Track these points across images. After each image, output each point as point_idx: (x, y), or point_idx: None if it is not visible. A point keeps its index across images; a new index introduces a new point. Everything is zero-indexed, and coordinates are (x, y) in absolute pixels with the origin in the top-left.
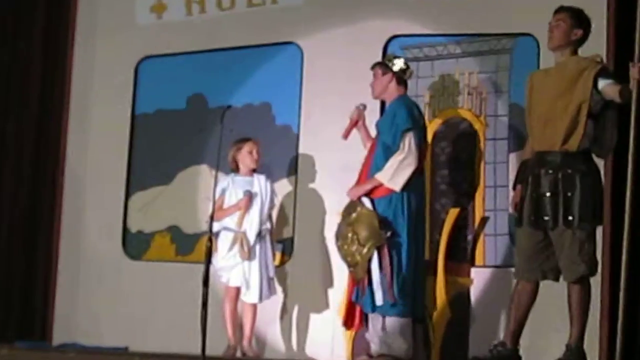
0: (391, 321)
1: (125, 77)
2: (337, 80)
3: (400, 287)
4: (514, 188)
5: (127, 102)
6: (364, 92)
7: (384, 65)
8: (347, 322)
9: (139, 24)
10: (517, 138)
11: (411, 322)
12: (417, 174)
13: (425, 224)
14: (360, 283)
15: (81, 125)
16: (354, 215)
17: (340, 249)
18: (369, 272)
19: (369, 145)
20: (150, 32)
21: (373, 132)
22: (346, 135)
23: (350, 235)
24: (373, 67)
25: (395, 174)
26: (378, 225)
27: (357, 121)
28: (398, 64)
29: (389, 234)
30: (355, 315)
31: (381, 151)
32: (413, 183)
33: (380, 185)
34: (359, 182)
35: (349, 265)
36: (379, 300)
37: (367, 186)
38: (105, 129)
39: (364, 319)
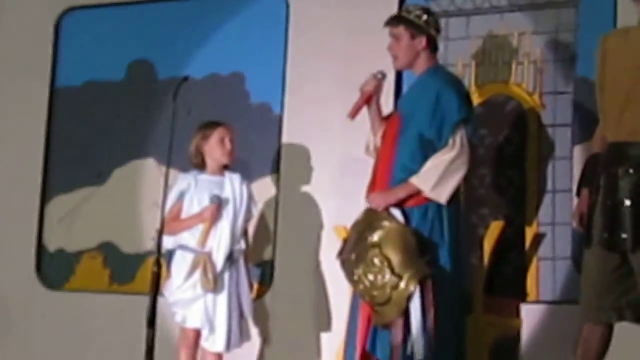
0: None
1: (42, 36)
2: (334, 40)
3: (442, 332)
4: (579, 194)
5: (45, 71)
6: (371, 57)
7: (413, 25)
8: None
9: None
10: (586, 124)
11: None
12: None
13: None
14: (391, 328)
15: None
16: (379, 232)
17: (359, 280)
18: (406, 314)
19: (380, 132)
20: None
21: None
22: (354, 114)
23: (378, 261)
24: (393, 24)
25: (442, 180)
26: (417, 247)
27: (371, 96)
28: (432, 23)
29: (428, 259)
30: None
31: (416, 145)
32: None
33: (418, 192)
34: (374, 184)
35: (376, 302)
36: (419, 353)
37: (400, 193)
38: (13, 110)
39: None
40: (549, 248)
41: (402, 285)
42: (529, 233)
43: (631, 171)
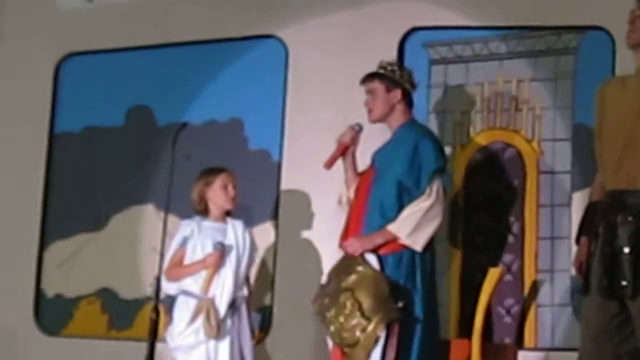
0: None
1: (42, 80)
2: (333, 87)
3: None
4: (578, 241)
5: (44, 116)
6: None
7: (389, 79)
8: None
9: (62, 9)
10: (584, 171)
11: None
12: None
13: (436, 294)
14: None
15: None
16: (353, 276)
17: (331, 321)
18: (370, 355)
19: (354, 183)
20: (77, 19)
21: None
22: (330, 164)
23: (349, 303)
24: (368, 80)
25: (418, 227)
26: (388, 292)
27: (347, 147)
28: (407, 77)
29: (401, 304)
30: None
31: (393, 193)
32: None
33: (393, 239)
34: (347, 232)
35: (344, 344)
36: None
37: (377, 239)
38: (12, 154)
39: None
40: (548, 295)
41: (370, 327)
42: (528, 279)
43: (630, 219)
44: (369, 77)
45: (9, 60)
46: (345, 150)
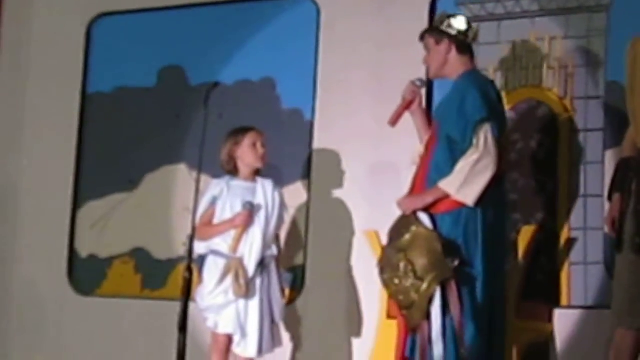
0: None
1: (74, 42)
2: (365, 48)
3: (473, 337)
4: (611, 198)
5: (76, 77)
6: (401, 65)
7: (436, 30)
8: None
9: None
10: (617, 129)
11: None
12: (496, 181)
13: (507, 249)
14: (418, 332)
15: (12, 111)
16: (407, 237)
17: (388, 284)
18: (428, 316)
19: (426, 138)
20: None
21: None
22: (394, 121)
23: (402, 265)
24: (422, 37)
25: (467, 181)
26: (442, 251)
27: (411, 102)
28: (456, 25)
29: (456, 262)
30: None
31: (445, 148)
32: (491, 194)
33: (446, 196)
34: (413, 189)
35: (402, 306)
36: (438, 356)
37: (428, 197)
38: (45, 116)
39: None
40: (581, 253)
41: (424, 287)
42: (561, 238)
43: None
44: (422, 33)
45: (41, 21)
46: (408, 106)
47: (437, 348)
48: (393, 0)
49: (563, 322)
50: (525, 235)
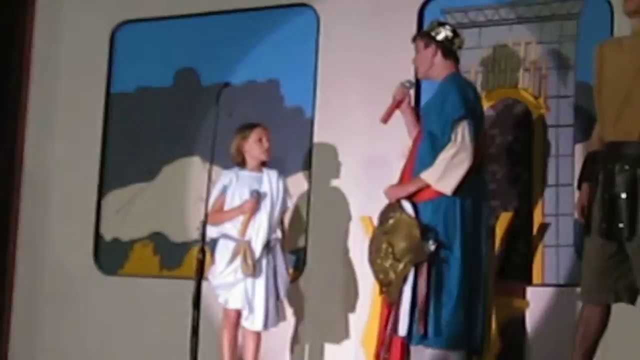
0: (436, 355)
1: (99, 47)
2: (360, 52)
3: (450, 313)
4: (580, 187)
5: (101, 78)
6: (394, 67)
7: (425, 35)
8: (379, 356)
9: None
10: (585, 125)
11: (464, 357)
12: (475, 172)
13: (486, 234)
14: (394, 307)
15: (44, 108)
16: (390, 222)
17: (372, 263)
18: (401, 294)
19: (414, 133)
20: None
21: None
22: (386, 119)
23: (384, 246)
24: (414, 40)
25: (445, 173)
26: (420, 236)
27: (401, 101)
28: (442, 32)
29: (433, 247)
30: (393, 347)
31: (428, 143)
32: (467, 184)
33: (427, 186)
34: (401, 180)
35: (382, 284)
36: (401, 329)
37: (410, 187)
38: (73, 113)
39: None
40: (553, 236)
41: (400, 268)
42: (535, 223)
43: (626, 167)
44: (414, 37)
45: (70, 28)
46: (398, 105)
47: (403, 321)
48: (385, 9)
49: (537, 299)
50: (503, 221)
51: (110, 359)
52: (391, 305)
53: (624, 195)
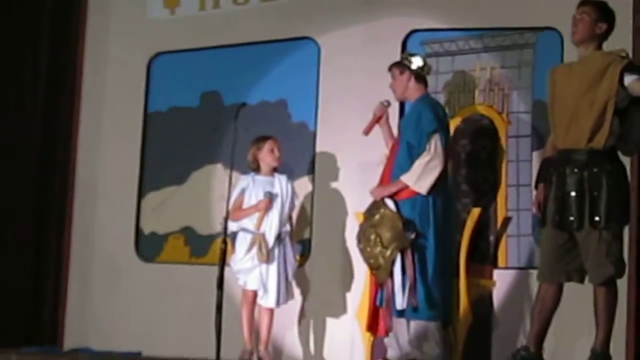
0: (418, 325)
1: (137, 73)
2: (354, 76)
3: (427, 290)
4: (537, 187)
5: (140, 99)
6: (382, 89)
7: (400, 64)
8: (372, 327)
9: (152, 19)
10: (541, 135)
11: (440, 326)
12: (443, 176)
13: (453, 226)
14: (384, 286)
15: (93, 124)
16: (377, 216)
17: (362, 251)
18: (391, 275)
19: (390, 144)
20: (163, 27)
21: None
22: (367, 131)
23: (373, 237)
24: (390, 68)
25: (421, 176)
26: (402, 227)
27: (380, 117)
28: (415, 62)
29: (412, 236)
30: (379, 320)
31: (405, 151)
32: (438, 185)
33: (406, 187)
34: (381, 182)
35: (372, 268)
36: (399, 304)
37: (392, 188)
38: (117, 127)
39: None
40: (515, 227)
41: (388, 254)
42: (500, 216)
43: (575, 170)
44: (390, 66)
45: (114, 58)
46: (378, 120)
47: (398, 297)
48: (374, 41)
49: (502, 279)
50: (473, 215)
51: (148, 332)
52: (379, 285)
53: (573, 194)
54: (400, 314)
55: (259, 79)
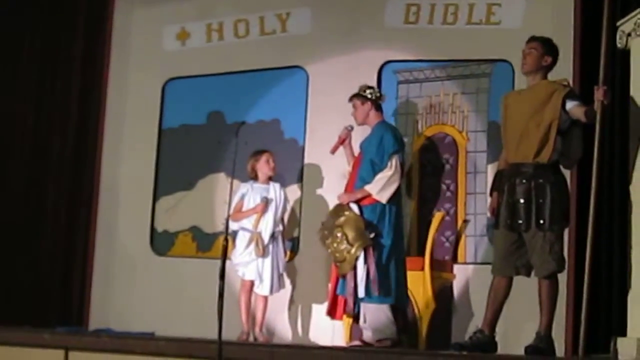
0: (380, 309)
1: (153, 96)
2: (337, 99)
3: (384, 280)
4: (491, 195)
5: (155, 118)
6: None
7: (361, 96)
8: (331, 312)
9: (166, 50)
10: (495, 151)
11: (392, 308)
12: (398, 189)
13: (403, 229)
14: (346, 277)
15: (115, 138)
16: (342, 218)
17: (328, 246)
18: (355, 268)
19: (352, 161)
20: (176, 57)
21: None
22: (334, 151)
23: (339, 235)
24: (351, 99)
25: (383, 188)
26: (364, 228)
27: (344, 140)
28: (373, 93)
29: (372, 235)
30: (338, 306)
31: (369, 166)
32: (396, 196)
33: (369, 195)
34: (346, 190)
35: (336, 261)
36: (361, 292)
37: (358, 195)
38: (136, 142)
39: (351, 309)
40: (472, 229)
41: (353, 250)
42: (460, 219)
43: (524, 181)
44: (351, 97)
45: (134, 83)
46: (342, 141)
47: (361, 287)
48: (355, 69)
49: (461, 273)
50: (437, 218)
51: (160, 317)
52: (341, 276)
53: (522, 200)
54: (362, 300)
55: (256, 101)
